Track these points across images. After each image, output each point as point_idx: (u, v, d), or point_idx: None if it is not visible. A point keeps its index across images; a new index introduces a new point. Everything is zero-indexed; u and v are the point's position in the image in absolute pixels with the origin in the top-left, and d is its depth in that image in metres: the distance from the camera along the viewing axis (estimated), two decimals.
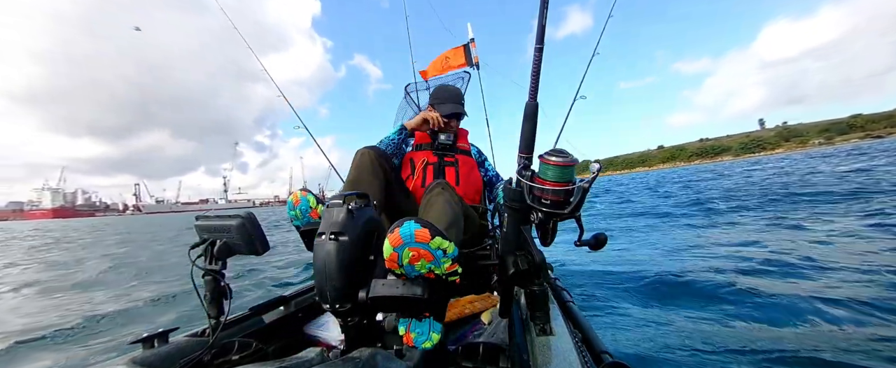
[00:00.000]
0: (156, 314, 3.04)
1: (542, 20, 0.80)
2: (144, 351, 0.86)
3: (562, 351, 0.74)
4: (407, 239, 0.73)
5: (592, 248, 0.85)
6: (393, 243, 0.73)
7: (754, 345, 1.76)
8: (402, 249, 0.73)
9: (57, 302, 3.64)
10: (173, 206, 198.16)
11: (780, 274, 2.78)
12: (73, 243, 12.01)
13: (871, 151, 26.15)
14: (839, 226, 4.27)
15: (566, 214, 0.81)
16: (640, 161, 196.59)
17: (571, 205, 0.81)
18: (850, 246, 3.38)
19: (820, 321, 1.95)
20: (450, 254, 0.76)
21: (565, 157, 0.81)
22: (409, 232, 0.73)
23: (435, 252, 0.74)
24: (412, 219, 0.75)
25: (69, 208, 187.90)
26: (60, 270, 5.89)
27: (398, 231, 0.73)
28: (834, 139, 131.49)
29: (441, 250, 0.75)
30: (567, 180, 0.81)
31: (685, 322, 2.14)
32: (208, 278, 0.95)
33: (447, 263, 0.77)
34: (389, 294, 0.76)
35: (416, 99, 2.42)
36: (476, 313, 1.19)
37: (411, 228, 0.73)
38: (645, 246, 4.54)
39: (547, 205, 0.82)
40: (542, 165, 0.83)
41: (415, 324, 0.82)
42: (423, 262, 0.75)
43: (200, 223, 0.99)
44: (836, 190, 7.42)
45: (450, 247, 0.76)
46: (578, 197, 0.81)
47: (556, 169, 0.81)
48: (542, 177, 0.83)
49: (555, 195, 0.81)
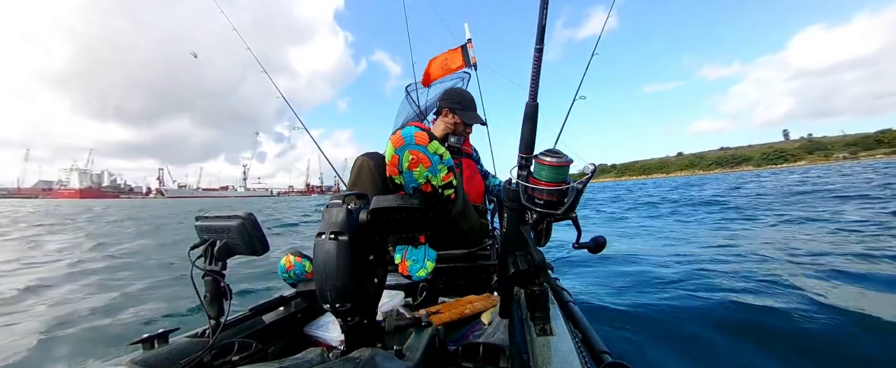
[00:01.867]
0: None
1: (542, 20, 0.80)
2: (144, 352, 0.86)
3: (562, 351, 0.74)
4: (407, 139, 0.77)
5: (591, 251, 0.84)
6: (394, 144, 0.78)
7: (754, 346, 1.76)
8: (403, 151, 0.77)
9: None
10: (195, 192, 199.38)
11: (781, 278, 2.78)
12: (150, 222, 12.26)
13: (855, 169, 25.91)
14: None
15: (559, 215, 0.81)
16: (658, 167, 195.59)
17: (565, 206, 0.80)
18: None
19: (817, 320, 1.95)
20: (445, 161, 0.80)
21: (560, 158, 0.81)
22: (409, 134, 0.78)
23: (432, 157, 0.79)
24: (411, 127, 0.80)
25: (96, 189, 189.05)
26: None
27: (400, 132, 0.78)
28: (859, 154, 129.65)
29: (438, 155, 0.79)
30: (561, 180, 0.81)
31: (686, 320, 2.14)
32: (208, 279, 0.95)
33: (443, 172, 0.80)
34: (388, 205, 0.78)
35: (417, 99, 2.42)
36: (476, 313, 1.19)
37: (411, 130, 0.78)
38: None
39: (540, 205, 0.82)
40: (537, 165, 0.83)
41: (411, 252, 0.85)
42: (421, 169, 0.79)
43: (200, 223, 0.99)
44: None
45: (445, 154, 0.80)
46: (572, 197, 0.80)
47: (550, 169, 0.80)
48: (536, 177, 0.82)
49: (549, 195, 0.81)
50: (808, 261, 3.04)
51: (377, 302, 0.89)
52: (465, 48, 2.86)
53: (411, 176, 0.80)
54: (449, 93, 1.87)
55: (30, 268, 4.57)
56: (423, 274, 0.86)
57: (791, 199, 8.97)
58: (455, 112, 1.75)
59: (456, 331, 1.13)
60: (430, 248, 0.85)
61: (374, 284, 0.86)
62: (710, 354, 1.77)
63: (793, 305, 2.13)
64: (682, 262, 3.46)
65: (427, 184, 0.81)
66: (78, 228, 10.56)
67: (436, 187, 0.81)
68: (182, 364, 0.82)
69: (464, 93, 1.89)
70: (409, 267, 0.85)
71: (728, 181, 29.27)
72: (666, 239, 5.04)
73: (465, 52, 2.86)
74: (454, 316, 1.16)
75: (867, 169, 28.57)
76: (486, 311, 1.18)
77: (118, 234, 8.68)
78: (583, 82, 2.06)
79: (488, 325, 1.09)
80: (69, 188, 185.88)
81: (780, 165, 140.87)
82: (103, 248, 6.29)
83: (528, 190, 0.83)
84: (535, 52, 0.83)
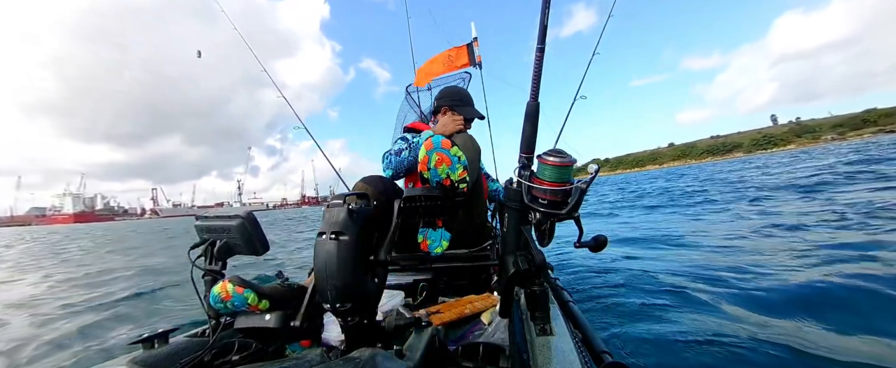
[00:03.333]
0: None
1: (544, 20, 0.80)
2: (144, 352, 0.86)
3: (562, 351, 0.73)
4: (436, 144, 1.02)
5: (592, 250, 0.84)
6: (426, 147, 1.02)
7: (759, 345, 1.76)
8: (433, 153, 1.02)
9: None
10: (189, 210, 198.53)
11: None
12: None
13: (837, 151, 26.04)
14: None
15: (564, 215, 0.81)
16: (651, 159, 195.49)
17: (569, 206, 0.80)
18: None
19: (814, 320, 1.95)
20: (462, 162, 1.05)
21: (563, 157, 0.81)
22: (438, 140, 1.03)
23: (452, 157, 1.03)
24: (439, 135, 1.05)
25: (89, 212, 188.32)
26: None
27: (431, 139, 1.03)
28: (846, 134, 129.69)
29: (456, 157, 1.04)
30: (564, 180, 0.81)
31: (685, 321, 2.14)
32: (208, 278, 0.95)
33: (459, 169, 1.05)
34: (417, 194, 1.03)
35: (417, 99, 2.42)
36: (476, 313, 1.19)
37: (440, 138, 1.03)
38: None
39: (544, 205, 0.82)
40: (540, 165, 0.82)
41: (430, 233, 1.17)
42: (444, 167, 1.03)
43: (200, 223, 0.99)
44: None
45: (462, 156, 1.05)
46: (576, 197, 0.80)
47: (553, 169, 0.80)
48: (539, 178, 0.82)
49: (552, 195, 0.81)
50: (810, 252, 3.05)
51: (377, 302, 0.89)
52: (470, 46, 2.88)
53: (436, 172, 1.04)
54: (445, 92, 1.87)
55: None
56: (439, 251, 1.17)
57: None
58: (455, 108, 1.75)
59: (456, 331, 1.13)
60: (445, 230, 1.16)
61: (375, 284, 0.86)
62: (711, 353, 1.77)
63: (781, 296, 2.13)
64: (682, 261, 3.46)
65: (447, 179, 1.04)
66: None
67: (453, 181, 1.05)
68: (182, 363, 0.82)
69: (459, 89, 1.91)
70: (429, 245, 1.15)
71: (706, 171, 29.47)
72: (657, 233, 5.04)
73: (470, 51, 2.87)
74: (454, 316, 1.16)
75: (851, 149, 28.82)
76: (486, 311, 1.18)
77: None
78: (583, 82, 2.06)
79: (488, 325, 1.09)
80: (63, 213, 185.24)
81: (770, 150, 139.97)
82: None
83: (532, 190, 0.83)
84: (537, 52, 0.83)
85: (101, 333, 2.53)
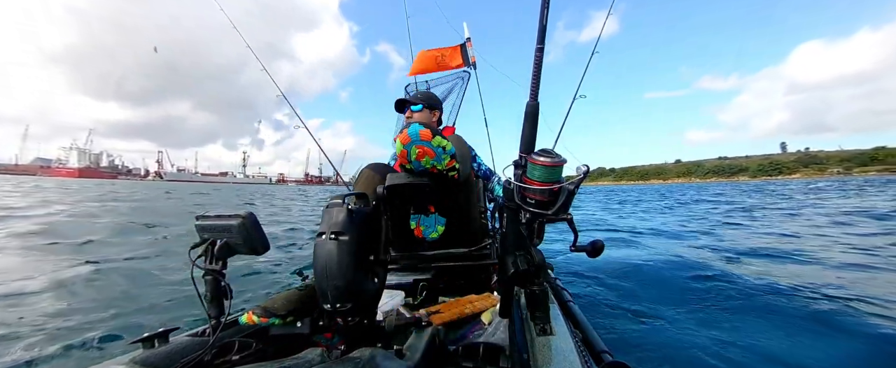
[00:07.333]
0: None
1: (543, 20, 0.80)
2: (145, 351, 0.86)
3: (562, 351, 0.73)
4: (414, 137, 0.92)
5: (590, 255, 0.82)
6: (403, 141, 0.92)
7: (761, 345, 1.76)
8: (410, 146, 0.93)
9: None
10: (194, 176, 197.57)
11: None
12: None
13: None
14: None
15: (551, 215, 0.79)
16: (656, 173, 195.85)
17: (556, 206, 0.79)
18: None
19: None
20: (448, 151, 0.97)
21: (553, 157, 0.79)
22: (415, 132, 0.92)
23: (436, 149, 0.95)
24: (418, 123, 0.94)
25: (94, 169, 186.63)
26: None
27: (406, 131, 0.92)
28: (852, 170, 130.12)
29: (441, 147, 0.95)
30: (554, 180, 0.79)
31: (685, 320, 2.14)
32: (209, 278, 0.95)
33: (447, 159, 0.97)
34: (400, 182, 0.97)
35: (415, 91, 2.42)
36: (476, 313, 1.19)
37: (416, 128, 0.92)
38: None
39: (532, 205, 0.81)
40: (531, 165, 0.81)
41: (423, 219, 1.11)
42: (427, 159, 0.95)
43: (201, 223, 0.99)
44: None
45: (448, 145, 0.96)
46: (564, 198, 0.79)
47: (542, 169, 0.79)
48: (530, 177, 0.81)
49: (541, 195, 0.80)
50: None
51: (377, 302, 0.89)
52: (464, 47, 2.84)
53: (419, 164, 0.97)
54: (425, 96, 1.88)
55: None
56: (434, 236, 1.11)
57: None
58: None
59: (456, 331, 1.13)
60: (440, 216, 1.10)
61: (374, 284, 0.86)
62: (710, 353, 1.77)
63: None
64: (681, 261, 3.46)
65: (433, 168, 0.98)
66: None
67: (440, 170, 0.99)
68: (182, 363, 0.82)
69: (430, 94, 1.90)
70: (423, 231, 1.10)
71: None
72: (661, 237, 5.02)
73: (464, 52, 2.83)
74: (454, 316, 1.16)
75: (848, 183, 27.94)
76: (486, 311, 1.18)
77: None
78: (583, 81, 2.06)
79: (488, 325, 1.09)
80: (68, 167, 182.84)
81: (776, 177, 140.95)
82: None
83: (522, 189, 0.83)
84: (536, 52, 0.82)
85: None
